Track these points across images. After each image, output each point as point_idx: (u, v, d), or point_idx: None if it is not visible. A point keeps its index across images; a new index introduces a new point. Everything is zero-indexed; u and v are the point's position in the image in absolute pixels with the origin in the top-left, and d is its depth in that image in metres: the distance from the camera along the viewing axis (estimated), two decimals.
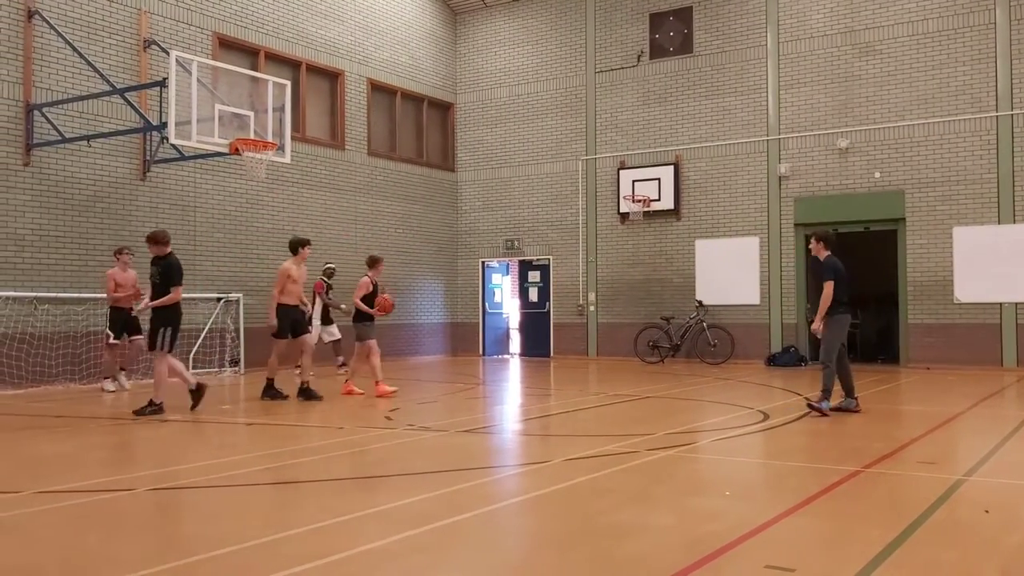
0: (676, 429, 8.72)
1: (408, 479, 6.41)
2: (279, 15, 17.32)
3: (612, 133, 19.80)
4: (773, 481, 6.58)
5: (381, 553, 4.45)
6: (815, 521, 5.13)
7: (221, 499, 5.85)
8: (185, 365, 14.76)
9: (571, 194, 20.26)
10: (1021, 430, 8.76)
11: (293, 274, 11.36)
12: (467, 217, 21.65)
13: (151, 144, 14.59)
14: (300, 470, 6.73)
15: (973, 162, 16.07)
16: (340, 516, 5.14)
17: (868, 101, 17.00)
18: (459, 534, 4.86)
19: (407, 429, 8.75)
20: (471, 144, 21.64)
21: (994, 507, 5.35)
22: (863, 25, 17.10)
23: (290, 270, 11.38)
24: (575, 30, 20.33)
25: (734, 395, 12.02)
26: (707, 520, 5.09)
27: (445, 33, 21.57)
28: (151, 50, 14.81)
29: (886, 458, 7.02)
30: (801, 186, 17.63)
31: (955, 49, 16.29)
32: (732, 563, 4.25)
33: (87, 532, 4.95)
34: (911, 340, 16.64)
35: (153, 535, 4.95)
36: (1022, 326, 15.60)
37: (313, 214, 17.80)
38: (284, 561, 4.29)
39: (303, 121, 17.66)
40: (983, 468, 6.72)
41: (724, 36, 18.56)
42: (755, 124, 18.14)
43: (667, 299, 18.89)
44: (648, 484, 6.17)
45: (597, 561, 4.35)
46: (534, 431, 9.16)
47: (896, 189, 16.71)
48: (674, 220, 18.93)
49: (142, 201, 14.65)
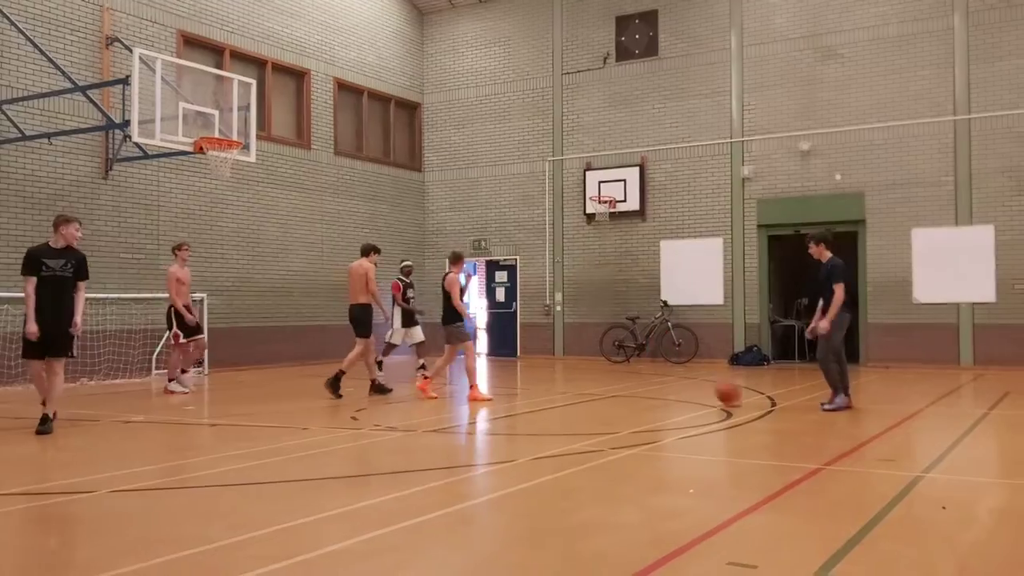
0: (641, 428, 8.80)
1: (375, 479, 6.41)
2: (244, 13, 17.18)
3: (578, 134, 19.89)
4: (736, 479, 6.67)
5: (347, 554, 4.45)
6: (777, 518, 5.21)
7: (184, 501, 5.81)
8: (151, 367, 14.66)
9: (538, 195, 20.32)
10: (977, 428, 8.96)
11: (372, 276, 12.02)
12: (434, 217, 21.63)
13: (114, 142, 14.43)
14: (265, 471, 6.70)
15: (931, 165, 16.37)
16: (305, 517, 5.12)
17: (829, 104, 17.25)
18: (426, 534, 4.87)
19: (373, 429, 8.73)
20: (438, 144, 21.62)
21: (951, 503, 5.47)
22: (825, 29, 17.35)
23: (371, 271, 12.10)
24: (542, 32, 20.39)
25: (698, 394, 12.13)
26: (671, 518, 5.15)
27: (412, 33, 21.53)
28: (114, 47, 14.63)
29: (846, 456, 7.14)
30: (764, 188, 17.84)
31: (914, 54, 16.59)
32: (695, 560, 4.30)
33: (45, 536, 4.89)
34: (871, 340, 16.90)
35: (115, 538, 4.90)
36: (978, 326, 15.91)
37: (279, 214, 17.69)
38: (249, 563, 4.28)
39: (268, 120, 17.54)
40: (940, 465, 6.86)
41: (689, 39, 18.73)
42: (719, 126, 18.33)
43: (632, 299, 19.02)
44: (613, 483, 6.22)
45: (563, 559, 4.39)
46: (501, 431, 9.18)
47: (856, 191, 16.97)
48: (639, 221, 19.06)
49: (104, 200, 14.46)
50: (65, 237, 8.66)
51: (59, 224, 8.73)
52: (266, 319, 17.36)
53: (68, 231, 8.67)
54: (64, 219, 8.77)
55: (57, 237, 8.68)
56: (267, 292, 17.38)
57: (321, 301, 18.55)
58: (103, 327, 14.00)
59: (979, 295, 15.90)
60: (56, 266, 8.52)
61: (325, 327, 18.51)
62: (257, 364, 16.56)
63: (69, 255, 8.63)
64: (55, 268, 8.51)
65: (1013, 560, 4.37)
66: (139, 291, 14.72)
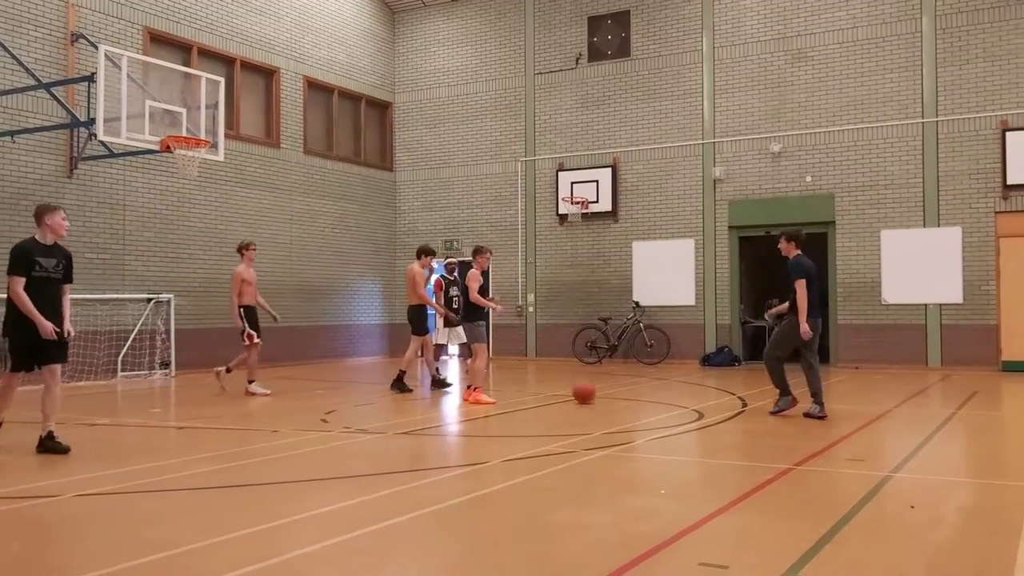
0: (613, 429, 8.79)
1: (345, 482, 6.34)
2: (213, 10, 17.00)
3: (551, 135, 19.89)
4: (707, 479, 6.68)
5: (317, 557, 4.40)
6: (748, 518, 5.22)
7: (152, 504, 5.71)
8: (116, 368, 14.45)
9: (510, 195, 20.30)
10: (945, 428, 9.05)
11: (419, 278, 12.55)
12: (406, 217, 21.53)
13: (78, 141, 14.21)
14: (234, 474, 6.61)
15: (900, 167, 16.55)
16: (276, 520, 5.06)
17: (800, 107, 17.38)
18: (397, 537, 4.82)
19: (344, 432, 8.66)
20: (410, 144, 21.53)
21: (919, 503, 5.51)
22: (795, 32, 17.48)
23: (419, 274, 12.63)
24: (514, 32, 20.37)
25: (670, 395, 12.17)
26: (643, 519, 5.14)
27: (383, 32, 21.42)
28: (79, 44, 14.41)
29: (816, 456, 7.18)
30: (735, 189, 17.94)
31: (883, 57, 16.76)
32: (667, 561, 4.29)
33: (8, 541, 4.78)
34: (840, 340, 17.05)
35: (81, 543, 4.80)
36: (946, 327, 16.10)
37: (248, 213, 17.52)
38: (219, 566, 4.21)
39: (237, 119, 17.36)
40: (909, 465, 6.91)
41: (661, 40, 18.79)
42: (691, 128, 18.41)
43: (605, 300, 19.05)
44: (585, 484, 6.20)
45: (534, 561, 4.36)
46: (473, 432, 9.14)
47: (826, 193, 17.11)
48: (611, 222, 19.09)
49: (69, 199, 14.23)
50: (52, 229, 7.53)
51: (43, 214, 7.55)
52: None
53: (55, 221, 7.52)
54: (48, 208, 7.60)
55: (44, 231, 7.55)
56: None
57: (291, 302, 18.37)
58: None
59: (946, 296, 16.09)
60: (49, 266, 7.51)
61: (295, 328, 18.35)
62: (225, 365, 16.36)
63: (59, 253, 7.61)
64: (48, 268, 7.50)
65: (980, 558, 4.40)
66: (104, 292, 14.50)
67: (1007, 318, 15.65)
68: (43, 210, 7.57)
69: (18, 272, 7.33)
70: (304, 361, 18.32)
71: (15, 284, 7.31)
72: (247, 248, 12.35)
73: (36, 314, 7.24)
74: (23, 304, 7.27)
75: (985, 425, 9.60)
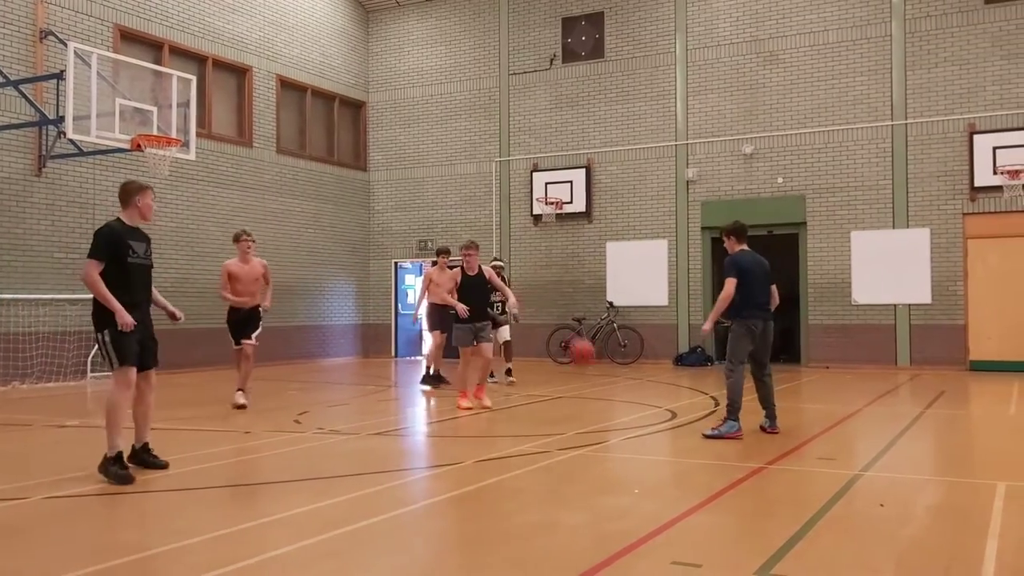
0: (586, 429, 8.81)
1: (317, 483, 6.31)
2: (184, 8, 16.84)
3: (525, 135, 19.90)
4: (680, 478, 6.71)
5: (288, 560, 4.37)
6: (720, 517, 5.25)
7: (121, 507, 5.65)
8: (86, 369, 14.28)
9: (484, 195, 20.29)
10: (914, 426, 9.16)
11: (435, 278, 12.92)
12: (380, 217, 21.46)
13: (47, 139, 14.01)
14: (205, 476, 6.55)
15: (870, 169, 16.73)
16: (246, 522, 5.02)
17: (772, 109, 17.52)
18: (369, 538, 4.80)
19: (316, 433, 8.61)
20: (384, 144, 21.45)
21: (889, 501, 5.57)
22: (767, 35, 17.62)
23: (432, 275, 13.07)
24: (488, 32, 20.36)
25: (643, 394, 12.22)
26: (616, 518, 5.15)
27: (357, 31, 21.33)
28: (48, 41, 14.21)
29: (787, 455, 7.24)
30: (708, 190, 18.04)
31: (853, 60, 16.93)
32: (640, 560, 4.31)
33: None
34: (811, 340, 17.20)
35: (48, 547, 4.74)
36: (915, 327, 16.30)
37: (220, 212, 17.37)
38: (187, 570, 4.17)
39: (209, 117, 17.22)
40: (878, 463, 6.99)
41: (634, 42, 18.87)
42: (664, 129, 18.49)
43: (579, 300, 19.09)
44: (559, 483, 6.21)
45: (508, 561, 4.36)
46: (446, 433, 9.12)
47: (798, 194, 17.26)
48: (585, 222, 19.14)
49: (37, 198, 14.04)
50: (142, 211, 6.42)
51: (133, 193, 6.36)
52: (206, 320, 17.01)
53: (146, 202, 6.41)
54: (138, 186, 6.41)
55: (131, 212, 6.40)
56: (207, 293, 17.02)
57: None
58: (36, 329, 13.60)
59: (915, 297, 16.28)
60: (141, 251, 6.46)
61: (267, 328, 18.19)
62: (196, 367, 16.23)
63: (145, 237, 6.60)
64: (140, 254, 6.44)
65: (948, 555, 4.45)
66: (74, 292, 14.30)
67: (974, 318, 15.87)
68: (133, 188, 6.41)
69: (99, 256, 6.23)
70: (276, 362, 18.19)
71: (92, 269, 6.21)
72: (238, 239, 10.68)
73: (114, 302, 6.19)
74: (104, 292, 6.20)
75: (953, 424, 9.73)
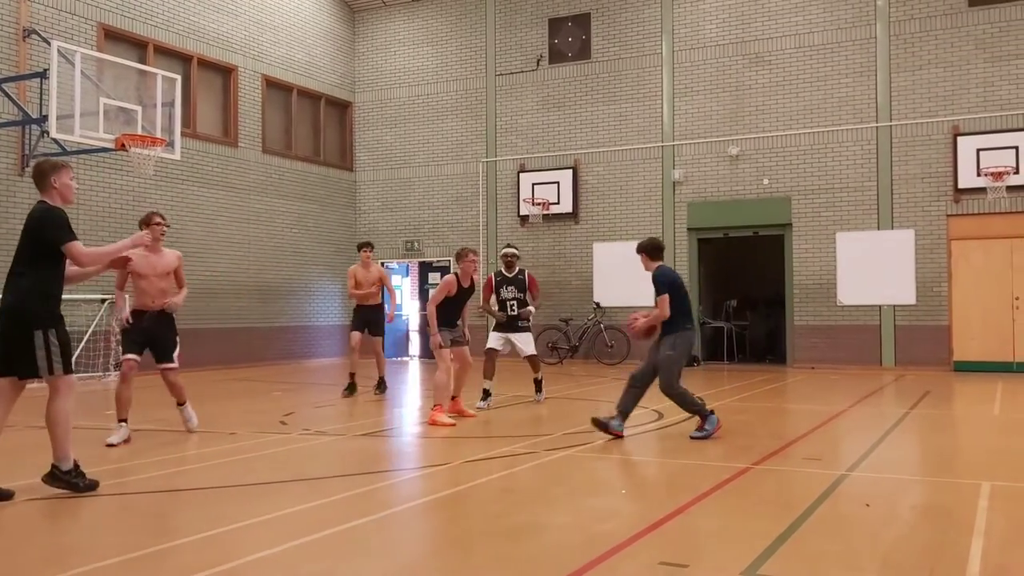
0: (574, 429, 8.81)
1: (303, 484, 6.28)
2: (169, 7, 16.76)
3: (512, 136, 19.90)
4: (667, 479, 6.72)
5: (274, 561, 4.34)
6: (707, 517, 5.26)
7: (105, 509, 5.60)
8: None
9: (471, 196, 20.26)
10: (899, 427, 9.20)
11: (359, 276, 11.81)
12: (366, 218, 21.40)
13: (30, 138, 13.91)
14: (190, 477, 6.51)
15: (855, 170, 16.81)
16: (232, 524, 4.98)
17: (757, 110, 17.58)
18: (356, 540, 4.78)
19: (303, 434, 8.57)
20: (370, 144, 21.40)
21: (875, 501, 5.59)
22: (753, 36, 17.68)
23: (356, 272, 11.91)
24: (475, 32, 20.35)
25: None
26: (603, 519, 5.15)
27: (343, 31, 21.28)
28: (31, 39, 14.11)
29: (774, 455, 7.25)
30: (694, 191, 18.09)
31: (838, 62, 17.01)
32: (628, 560, 4.31)
33: None
34: (797, 341, 17.27)
35: (31, 549, 4.69)
36: (900, 327, 16.38)
37: (205, 212, 17.29)
38: (172, 572, 4.14)
39: (194, 117, 17.13)
40: (864, 463, 7.01)
41: (621, 43, 18.90)
42: (650, 130, 18.53)
43: (565, 301, 19.10)
44: (546, 484, 6.20)
45: (495, 562, 4.35)
46: (434, 434, 9.09)
47: (783, 195, 17.33)
48: (572, 223, 19.15)
49: (20, 197, 13.93)
50: (62, 193, 6.04)
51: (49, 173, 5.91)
52: (190, 321, 16.91)
53: (64, 182, 5.98)
54: (54, 164, 6.00)
55: (51, 194, 5.98)
56: (191, 293, 16.79)
57: (248, 303, 18.19)
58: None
59: (900, 297, 16.37)
60: None
61: (252, 329, 18.19)
62: (180, 368, 16.10)
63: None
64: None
65: (933, 554, 4.47)
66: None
67: (958, 319, 15.97)
68: (49, 168, 5.99)
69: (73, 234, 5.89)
70: (261, 362, 18.12)
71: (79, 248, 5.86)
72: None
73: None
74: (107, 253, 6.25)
75: (937, 424, 9.79)
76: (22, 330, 5.64)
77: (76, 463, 5.90)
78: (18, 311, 5.68)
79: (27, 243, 5.81)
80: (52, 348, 5.71)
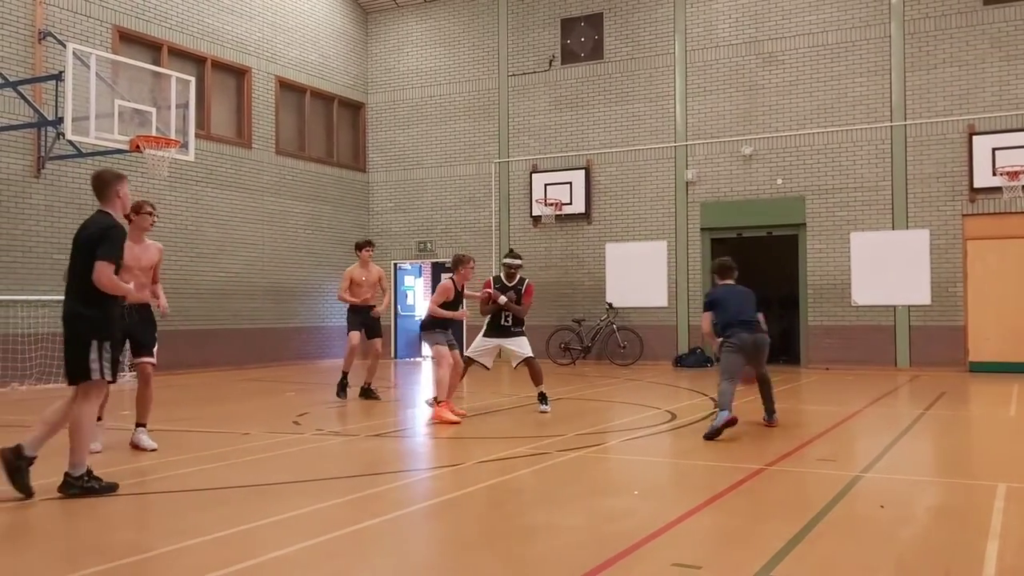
0: (586, 430, 8.80)
1: (317, 485, 6.30)
2: (183, 9, 16.84)
3: (524, 137, 19.89)
4: (680, 480, 6.70)
5: (287, 561, 4.35)
6: (720, 518, 5.24)
7: (119, 509, 5.63)
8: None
9: (484, 197, 20.27)
10: (914, 428, 9.15)
11: (355, 277, 11.55)
12: (379, 219, 21.44)
13: (46, 140, 14.00)
14: (203, 477, 6.54)
15: (869, 170, 16.72)
16: (245, 524, 5.00)
17: (771, 110, 17.52)
18: (368, 540, 4.79)
19: (316, 434, 8.60)
20: (383, 145, 21.45)
21: (889, 502, 5.56)
22: (766, 36, 17.62)
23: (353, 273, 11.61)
24: (488, 33, 20.36)
25: (643, 396, 12.21)
26: (616, 519, 5.14)
27: (356, 32, 21.33)
28: (47, 42, 14.20)
29: (787, 456, 7.22)
30: (707, 192, 18.04)
31: (852, 61, 16.93)
32: (640, 562, 4.30)
33: None
34: (811, 341, 17.19)
35: (45, 548, 4.73)
36: (915, 328, 16.29)
37: (219, 214, 17.36)
38: (187, 571, 4.16)
39: (208, 118, 17.21)
40: (879, 465, 6.98)
41: (634, 43, 18.87)
42: (663, 130, 18.49)
43: (578, 301, 19.08)
44: (558, 485, 6.20)
45: (508, 563, 4.35)
46: (445, 434, 9.10)
47: (797, 195, 17.26)
48: (585, 224, 19.13)
49: (36, 199, 14.03)
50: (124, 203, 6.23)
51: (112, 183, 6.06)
52: (204, 322, 17.01)
53: (126, 191, 6.15)
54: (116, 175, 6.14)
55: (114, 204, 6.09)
56: (205, 294, 17.03)
57: (261, 303, 18.26)
58: (35, 330, 13.58)
59: (915, 298, 16.27)
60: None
61: (265, 330, 18.26)
62: (194, 368, 16.22)
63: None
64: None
65: (948, 556, 4.44)
66: None
67: (974, 319, 15.86)
68: (112, 178, 6.10)
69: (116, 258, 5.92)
70: (275, 363, 18.19)
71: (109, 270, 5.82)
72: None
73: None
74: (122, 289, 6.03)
75: (953, 425, 9.72)
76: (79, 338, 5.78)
77: (88, 467, 5.91)
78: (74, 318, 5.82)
79: (88, 252, 5.80)
80: (104, 356, 5.81)
